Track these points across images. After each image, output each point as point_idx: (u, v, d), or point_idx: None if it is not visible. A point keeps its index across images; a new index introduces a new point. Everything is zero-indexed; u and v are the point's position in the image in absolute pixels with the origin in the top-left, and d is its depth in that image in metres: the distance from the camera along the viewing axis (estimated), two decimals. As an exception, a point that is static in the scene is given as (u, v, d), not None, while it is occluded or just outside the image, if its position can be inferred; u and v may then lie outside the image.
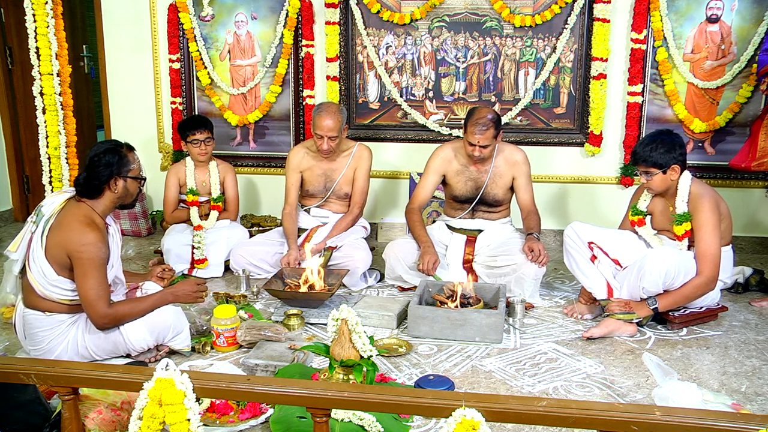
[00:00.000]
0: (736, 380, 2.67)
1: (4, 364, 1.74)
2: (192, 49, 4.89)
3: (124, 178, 2.73)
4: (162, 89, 5.07)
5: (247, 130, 5.04)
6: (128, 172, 2.74)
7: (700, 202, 3.10)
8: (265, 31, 4.84)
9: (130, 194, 2.79)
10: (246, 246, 3.99)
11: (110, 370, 1.74)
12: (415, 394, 1.58)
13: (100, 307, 2.59)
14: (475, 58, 4.62)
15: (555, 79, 4.56)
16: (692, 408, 1.88)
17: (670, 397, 2.30)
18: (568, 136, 4.62)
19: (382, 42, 4.70)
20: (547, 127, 4.64)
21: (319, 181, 4.03)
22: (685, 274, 3.05)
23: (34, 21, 3.69)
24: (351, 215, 4.01)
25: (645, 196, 3.35)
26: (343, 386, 1.69)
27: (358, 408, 1.91)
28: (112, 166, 2.70)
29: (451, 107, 4.72)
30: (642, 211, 3.35)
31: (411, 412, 1.81)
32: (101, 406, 2.18)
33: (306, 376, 2.52)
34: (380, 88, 4.78)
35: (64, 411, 1.74)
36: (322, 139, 3.82)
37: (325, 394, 1.58)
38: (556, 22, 4.47)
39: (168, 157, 5.12)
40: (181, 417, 1.56)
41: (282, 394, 1.61)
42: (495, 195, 3.76)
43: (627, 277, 3.18)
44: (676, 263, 3.03)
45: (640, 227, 3.34)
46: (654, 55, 4.40)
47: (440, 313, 3.06)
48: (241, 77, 4.94)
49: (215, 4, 4.85)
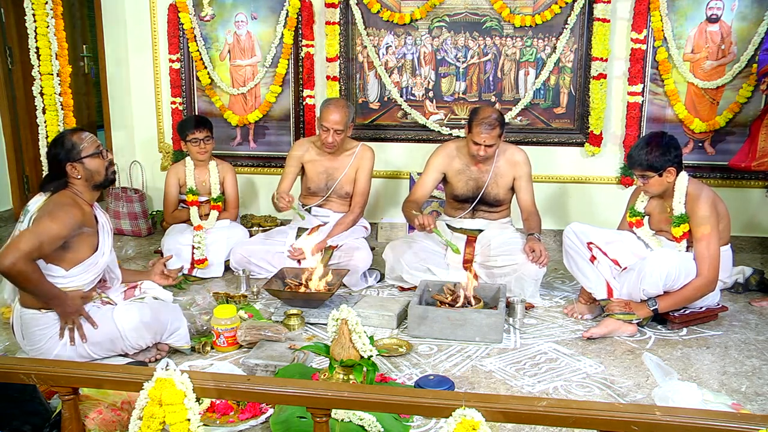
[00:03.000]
0: (737, 380, 2.67)
1: (4, 364, 1.74)
2: (192, 49, 4.89)
3: (79, 161, 2.72)
4: (162, 89, 5.07)
5: (247, 130, 5.04)
6: (79, 155, 2.72)
7: (698, 203, 3.10)
8: (265, 31, 4.84)
9: (96, 172, 2.75)
10: (246, 245, 3.99)
11: (110, 370, 1.74)
12: (415, 394, 1.58)
13: (20, 255, 2.45)
14: (475, 58, 4.62)
15: (555, 79, 4.56)
16: (692, 408, 1.88)
17: (671, 397, 2.30)
18: (568, 136, 4.61)
19: (382, 42, 4.70)
20: (547, 127, 4.63)
21: (321, 178, 4.04)
22: (685, 275, 3.05)
23: (34, 21, 3.70)
24: (352, 215, 4.01)
25: (642, 197, 3.35)
26: (343, 386, 1.69)
27: (358, 408, 1.91)
28: (60, 156, 2.71)
29: (451, 107, 4.72)
30: (639, 212, 3.35)
31: (411, 412, 1.81)
32: (101, 406, 2.18)
33: (306, 376, 2.51)
34: (380, 88, 4.78)
35: (64, 411, 1.74)
36: (327, 131, 3.83)
37: (325, 394, 1.58)
38: (556, 22, 4.46)
39: (168, 156, 5.12)
40: (181, 417, 1.56)
41: (282, 394, 1.61)
42: (496, 195, 3.76)
43: (627, 278, 3.17)
44: (677, 265, 3.03)
45: (638, 228, 3.33)
46: (654, 55, 4.40)
47: (440, 313, 3.06)
48: (241, 77, 4.94)
49: (215, 4, 4.85)
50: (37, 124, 3.82)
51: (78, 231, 2.64)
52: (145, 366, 2.64)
